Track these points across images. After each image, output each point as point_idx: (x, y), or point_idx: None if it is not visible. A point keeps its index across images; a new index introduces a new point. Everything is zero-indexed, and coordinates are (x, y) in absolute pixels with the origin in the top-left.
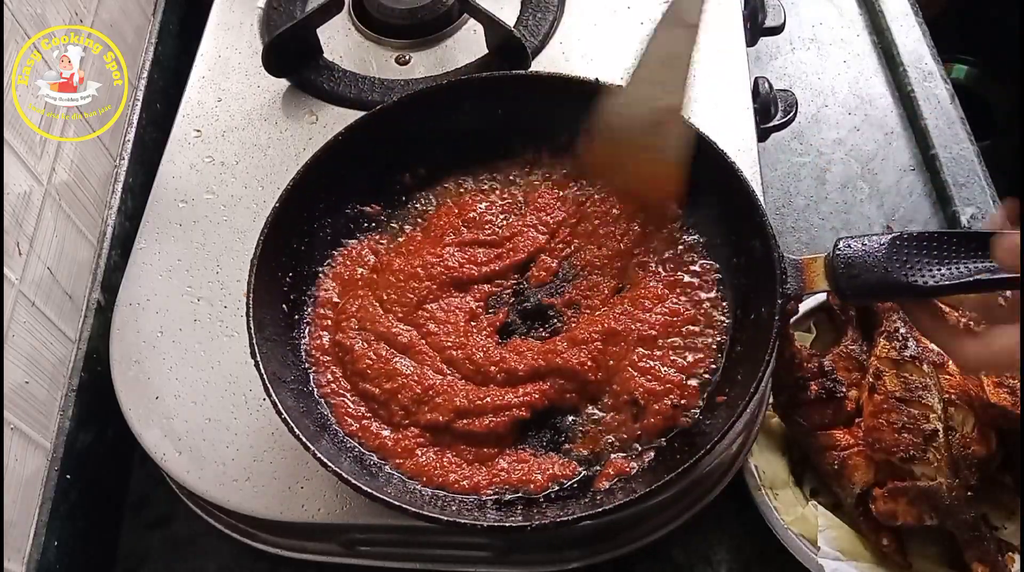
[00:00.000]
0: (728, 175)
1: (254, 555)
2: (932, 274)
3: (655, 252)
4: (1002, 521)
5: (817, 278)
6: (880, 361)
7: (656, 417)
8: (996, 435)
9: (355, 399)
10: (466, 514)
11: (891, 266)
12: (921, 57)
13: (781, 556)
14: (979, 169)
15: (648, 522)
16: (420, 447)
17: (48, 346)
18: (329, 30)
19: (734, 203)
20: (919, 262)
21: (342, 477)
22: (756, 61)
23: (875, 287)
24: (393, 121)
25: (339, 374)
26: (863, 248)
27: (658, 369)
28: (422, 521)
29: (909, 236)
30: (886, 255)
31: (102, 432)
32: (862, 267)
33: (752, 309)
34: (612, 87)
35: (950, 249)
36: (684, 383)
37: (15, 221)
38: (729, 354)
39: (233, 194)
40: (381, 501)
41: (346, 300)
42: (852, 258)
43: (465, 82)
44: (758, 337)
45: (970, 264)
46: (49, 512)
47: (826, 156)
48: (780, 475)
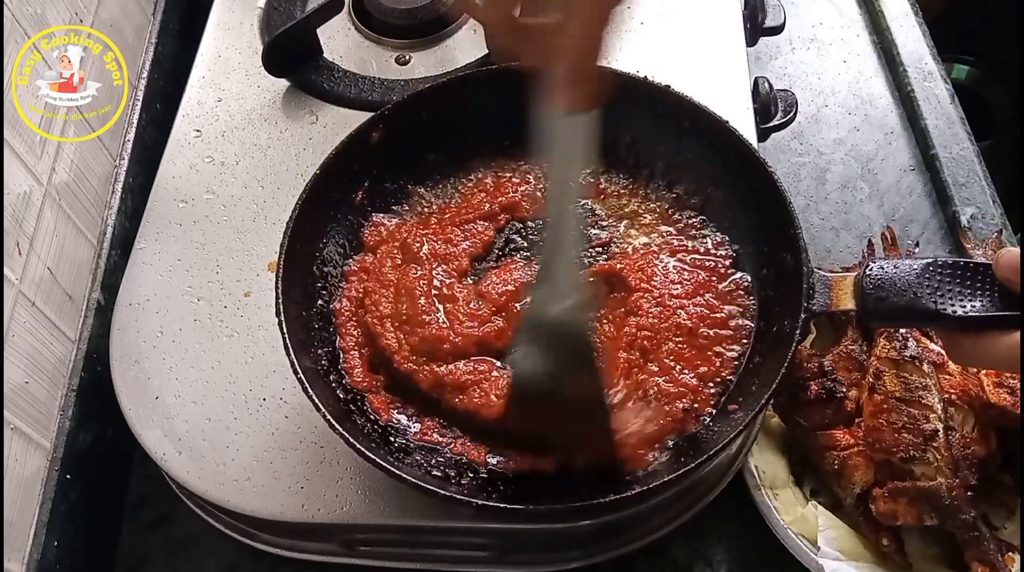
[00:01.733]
0: (766, 186)
1: (254, 555)
2: (962, 304)
3: (687, 252)
4: (1002, 521)
5: (844, 297)
6: (880, 361)
7: (665, 419)
8: (996, 435)
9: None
10: (477, 491)
11: (921, 292)
12: (921, 57)
13: (781, 556)
14: (979, 169)
15: (648, 522)
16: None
17: (48, 346)
18: (329, 30)
19: (769, 214)
20: (950, 290)
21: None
22: (756, 61)
23: (902, 311)
24: (439, 101)
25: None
26: (895, 271)
27: (677, 371)
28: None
29: (944, 263)
30: (917, 280)
31: (102, 432)
32: (891, 290)
33: (775, 321)
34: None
35: (983, 281)
36: (699, 388)
37: (15, 221)
38: (747, 364)
39: (233, 194)
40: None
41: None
42: (882, 280)
43: (513, 69)
44: (777, 350)
45: (1000, 298)
46: (49, 512)
47: (826, 156)
48: (780, 475)
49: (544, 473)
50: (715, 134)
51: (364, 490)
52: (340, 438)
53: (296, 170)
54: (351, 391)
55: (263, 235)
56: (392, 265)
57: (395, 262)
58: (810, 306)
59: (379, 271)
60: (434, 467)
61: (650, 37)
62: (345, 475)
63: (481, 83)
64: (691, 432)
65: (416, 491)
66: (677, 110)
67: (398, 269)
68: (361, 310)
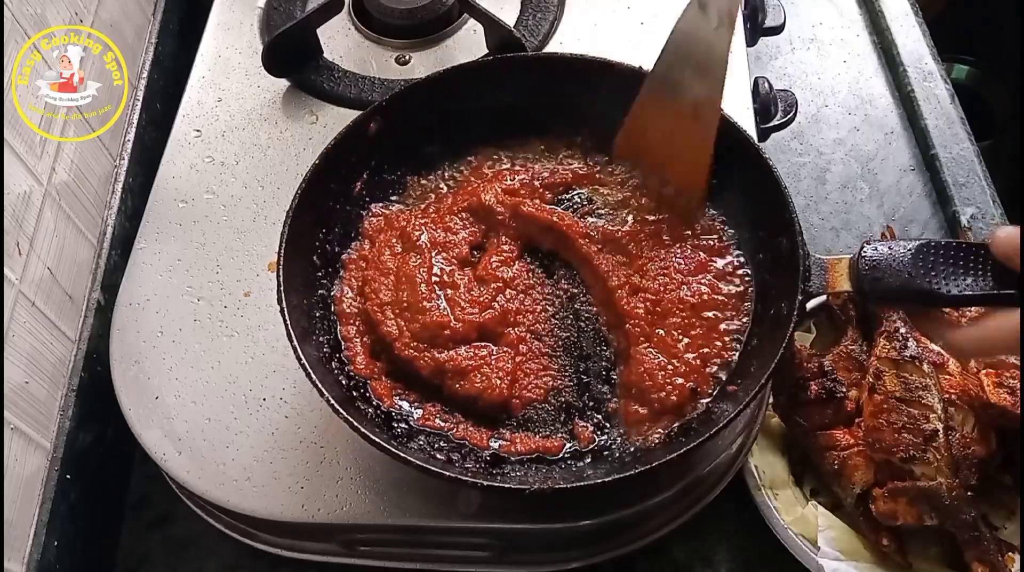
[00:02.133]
0: (761, 171)
1: (254, 555)
2: (956, 283)
3: (684, 239)
4: (1002, 521)
5: (840, 278)
6: (880, 361)
7: (673, 392)
8: (996, 435)
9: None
10: (481, 474)
11: (915, 272)
12: (921, 57)
13: (781, 556)
14: (979, 169)
15: (648, 522)
16: (439, 414)
17: (48, 346)
18: (329, 30)
19: (765, 199)
20: (944, 270)
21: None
22: (756, 61)
23: (897, 291)
24: (436, 93)
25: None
26: (889, 252)
27: (681, 348)
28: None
29: (937, 244)
30: (912, 261)
31: (102, 432)
32: (886, 271)
33: (772, 304)
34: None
35: (976, 260)
36: (702, 369)
37: (15, 221)
38: (745, 347)
39: (233, 194)
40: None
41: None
42: (877, 261)
43: (511, 60)
44: (775, 332)
45: (995, 277)
46: (49, 512)
47: (826, 156)
48: (780, 475)
49: (547, 456)
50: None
51: (364, 490)
52: (344, 422)
53: (296, 170)
54: (353, 378)
55: (263, 235)
56: (392, 253)
57: (394, 250)
58: (807, 288)
59: (378, 260)
60: (437, 451)
61: (650, 37)
62: (345, 475)
63: (478, 74)
64: (690, 415)
65: (421, 473)
66: None
67: (397, 257)
68: (361, 298)
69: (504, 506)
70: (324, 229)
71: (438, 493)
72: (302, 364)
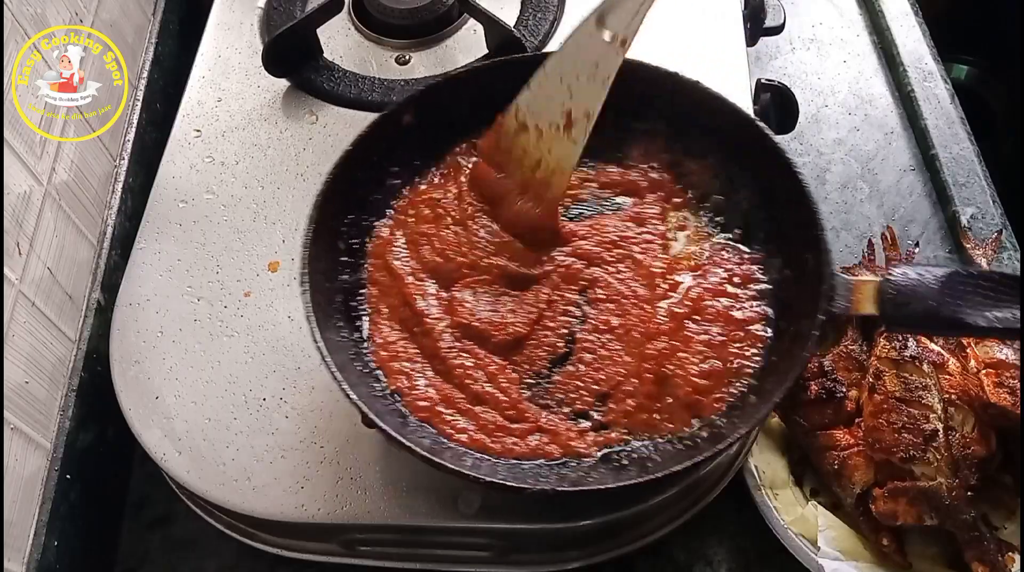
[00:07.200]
0: (792, 185)
1: (254, 555)
2: (984, 315)
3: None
4: (1002, 521)
5: (865, 301)
6: (880, 361)
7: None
8: (996, 435)
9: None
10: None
11: (942, 300)
12: (921, 57)
13: (781, 556)
14: (979, 169)
15: (648, 522)
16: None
17: (48, 346)
18: (329, 30)
19: (793, 215)
20: (973, 300)
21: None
22: (756, 61)
23: (923, 318)
24: (471, 87)
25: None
26: (917, 278)
27: (694, 361)
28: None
29: (968, 274)
30: (940, 289)
31: (102, 432)
32: (913, 296)
33: (793, 322)
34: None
35: (1007, 292)
36: (715, 381)
37: (15, 221)
38: (763, 362)
39: (233, 194)
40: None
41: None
42: (904, 286)
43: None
44: (793, 350)
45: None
46: (49, 512)
47: (826, 156)
48: (780, 475)
49: (551, 459)
50: (738, 129)
51: (364, 490)
52: (352, 405)
53: (296, 170)
54: (368, 366)
55: (263, 235)
56: (424, 219)
57: (427, 218)
58: (830, 309)
59: (414, 227)
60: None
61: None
62: (345, 475)
63: (515, 69)
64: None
65: (426, 464)
66: (698, 106)
67: (431, 222)
68: (385, 277)
69: (504, 506)
70: (351, 214)
71: (438, 493)
72: (318, 347)
